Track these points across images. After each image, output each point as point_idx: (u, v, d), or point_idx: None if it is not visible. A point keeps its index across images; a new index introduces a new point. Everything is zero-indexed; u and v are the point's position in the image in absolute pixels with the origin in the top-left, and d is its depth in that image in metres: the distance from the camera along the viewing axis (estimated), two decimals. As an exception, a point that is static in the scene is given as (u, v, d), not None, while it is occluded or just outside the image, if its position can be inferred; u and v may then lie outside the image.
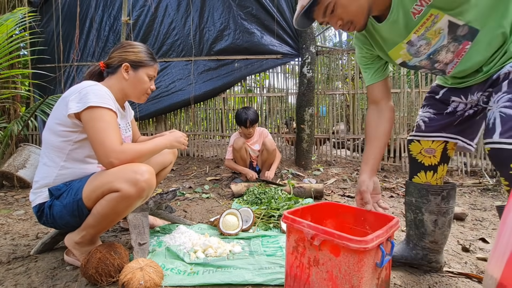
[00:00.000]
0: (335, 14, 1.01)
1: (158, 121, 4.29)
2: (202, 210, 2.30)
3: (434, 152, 1.25)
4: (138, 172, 1.17)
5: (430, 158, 1.26)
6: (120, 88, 1.41)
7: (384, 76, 1.27)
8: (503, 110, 0.93)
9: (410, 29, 1.04)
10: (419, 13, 0.99)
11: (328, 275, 0.91)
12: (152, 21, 4.02)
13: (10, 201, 2.58)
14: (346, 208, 1.24)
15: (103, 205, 1.19)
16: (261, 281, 1.17)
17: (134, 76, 1.41)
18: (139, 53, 1.42)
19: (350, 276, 0.86)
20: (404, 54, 1.13)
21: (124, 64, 1.39)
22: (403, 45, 1.10)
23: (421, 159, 1.28)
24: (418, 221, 1.30)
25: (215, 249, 1.43)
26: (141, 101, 1.50)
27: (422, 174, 1.29)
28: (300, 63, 3.79)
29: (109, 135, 1.20)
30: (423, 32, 1.03)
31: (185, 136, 1.52)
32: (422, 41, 1.06)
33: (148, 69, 1.44)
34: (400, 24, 1.04)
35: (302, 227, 0.96)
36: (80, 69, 4.12)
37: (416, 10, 0.99)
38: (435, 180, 1.27)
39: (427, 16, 0.99)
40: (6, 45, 2.77)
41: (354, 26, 1.04)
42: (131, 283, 1.06)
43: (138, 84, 1.43)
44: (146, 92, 1.47)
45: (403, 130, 3.85)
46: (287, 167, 3.68)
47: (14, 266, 1.35)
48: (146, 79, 1.44)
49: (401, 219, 2.09)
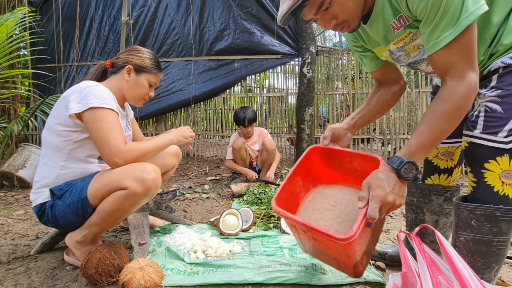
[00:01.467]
0: (330, 11, 0.91)
1: (158, 121, 4.29)
2: (202, 210, 2.30)
3: (452, 155, 1.21)
4: (145, 171, 1.20)
5: (447, 161, 1.22)
6: (119, 88, 1.42)
7: (380, 65, 1.19)
8: (489, 104, 0.91)
9: (388, 40, 1.02)
10: (398, 29, 0.96)
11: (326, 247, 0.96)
12: (152, 21, 4.02)
13: (10, 201, 2.58)
14: (332, 152, 1.16)
15: (109, 202, 1.20)
16: (261, 280, 1.17)
17: (135, 79, 1.42)
18: (145, 59, 1.44)
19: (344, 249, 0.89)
20: (386, 56, 1.11)
21: (127, 66, 1.41)
22: (385, 49, 1.08)
23: (437, 162, 1.24)
24: (418, 221, 1.30)
25: (215, 249, 1.43)
26: (137, 105, 1.50)
27: (436, 177, 1.25)
28: (300, 63, 3.79)
29: (113, 135, 1.21)
30: (402, 45, 1.01)
31: (190, 129, 1.54)
32: (401, 52, 1.04)
33: (150, 75, 1.45)
34: (379, 33, 1.02)
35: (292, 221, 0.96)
36: (80, 69, 4.12)
37: (396, 25, 0.96)
38: (448, 182, 1.24)
39: (406, 33, 0.97)
40: (6, 45, 2.77)
41: (348, 26, 0.97)
42: (131, 283, 1.05)
43: (137, 87, 1.43)
44: (143, 97, 1.47)
45: (403, 130, 3.85)
46: (287, 167, 3.68)
47: (14, 266, 1.35)
48: (146, 85, 1.45)
49: (401, 219, 2.09)
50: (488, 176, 0.92)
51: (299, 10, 0.92)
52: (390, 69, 1.20)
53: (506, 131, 0.88)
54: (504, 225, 0.90)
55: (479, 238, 0.93)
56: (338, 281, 1.15)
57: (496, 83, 0.90)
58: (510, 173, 0.89)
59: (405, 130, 3.85)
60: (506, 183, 0.90)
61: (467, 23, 0.78)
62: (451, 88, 0.83)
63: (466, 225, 0.95)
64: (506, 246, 0.93)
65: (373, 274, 1.20)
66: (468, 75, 0.81)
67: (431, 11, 0.81)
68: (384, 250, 1.38)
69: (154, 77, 1.47)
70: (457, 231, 0.99)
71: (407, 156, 0.86)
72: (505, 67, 0.88)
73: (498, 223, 0.91)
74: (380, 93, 1.22)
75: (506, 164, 0.89)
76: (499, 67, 0.90)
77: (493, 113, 0.90)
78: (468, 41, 0.80)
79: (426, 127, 0.86)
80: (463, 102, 0.82)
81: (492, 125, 0.90)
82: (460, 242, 0.97)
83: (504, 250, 0.94)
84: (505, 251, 0.94)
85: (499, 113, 0.89)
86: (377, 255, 1.37)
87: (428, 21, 0.83)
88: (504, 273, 1.31)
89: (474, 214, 0.93)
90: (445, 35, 0.81)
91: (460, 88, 0.82)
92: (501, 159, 0.89)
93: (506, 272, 1.33)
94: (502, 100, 0.89)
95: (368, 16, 0.98)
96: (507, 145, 0.88)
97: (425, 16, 0.83)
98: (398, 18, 0.93)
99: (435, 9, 0.80)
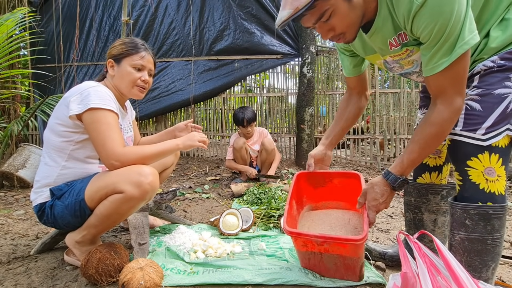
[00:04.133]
0: (329, 22, 0.94)
1: (158, 121, 4.29)
2: (202, 210, 2.30)
3: (440, 153, 1.24)
4: (142, 174, 1.17)
5: (435, 159, 1.25)
6: (113, 86, 1.39)
7: (360, 72, 1.28)
8: (469, 102, 0.96)
9: (385, 53, 1.07)
10: (396, 47, 1.01)
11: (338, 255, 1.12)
12: (152, 21, 4.02)
13: (10, 201, 2.58)
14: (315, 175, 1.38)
15: (106, 206, 1.19)
16: (261, 281, 1.17)
17: (118, 69, 1.36)
18: (118, 46, 1.37)
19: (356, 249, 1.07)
20: (380, 64, 1.17)
21: (108, 61, 1.37)
22: (381, 58, 1.13)
23: (426, 160, 1.26)
24: (417, 221, 1.30)
25: (215, 249, 1.43)
26: (135, 96, 1.40)
27: (427, 175, 1.27)
28: (300, 63, 3.79)
29: (111, 137, 1.19)
30: (398, 59, 1.07)
31: (202, 134, 1.43)
32: (396, 64, 1.10)
33: (131, 58, 1.34)
34: (377, 46, 1.06)
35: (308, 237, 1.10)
36: (80, 69, 4.12)
37: (394, 43, 1.00)
38: (439, 180, 1.26)
39: (403, 50, 1.01)
40: (6, 45, 2.76)
41: (345, 38, 0.99)
42: (131, 283, 1.06)
43: (123, 77, 1.35)
44: (135, 84, 1.36)
45: (403, 130, 3.85)
46: (287, 167, 3.68)
47: (14, 266, 1.35)
48: (131, 70, 1.35)
49: (401, 219, 2.09)
50: (472, 174, 0.96)
51: (299, 18, 0.94)
52: (364, 78, 1.31)
53: (484, 129, 0.93)
54: (496, 223, 0.94)
55: (474, 237, 0.95)
56: (338, 284, 1.15)
57: (477, 83, 0.96)
58: (491, 170, 0.93)
59: (405, 130, 3.85)
60: (490, 180, 0.94)
61: (461, 51, 0.85)
62: (440, 112, 0.93)
63: (460, 225, 0.97)
64: (500, 243, 0.96)
65: (373, 274, 1.20)
66: (455, 101, 0.91)
67: (434, 37, 0.86)
68: (384, 250, 1.38)
69: (137, 58, 1.35)
70: (452, 230, 1.01)
71: (400, 172, 1.01)
72: (486, 69, 0.95)
73: (491, 221, 0.93)
74: (349, 108, 1.34)
75: (487, 161, 0.93)
76: (481, 69, 0.96)
77: (473, 111, 0.95)
78: (461, 69, 0.89)
79: (416, 147, 0.98)
80: (447, 126, 0.94)
81: (471, 122, 0.95)
82: (456, 241, 0.99)
83: (499, 247, 0.96)
84: (500, 248, 0.96)
85: (478, 111, 0.94)
86: (377, 255, 1.37)
87: (430, 46, 0.89)
88: (504, 273, 1.31)
89: (468, 213, 0.95)
90: (442, 61, 0.88)
91: (447, 114, 0.92)
92: (482, 156, 0.93)
93: (506, 272, 1.33)
94: (482, 98, 0.94)
95: (369, 25, 1.00)
96: (484, 142, 0.93)
97: (428, 41, 0.88)
98: (398, 35, 0.98)
99: (439, 36, 0.85)
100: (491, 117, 0.92)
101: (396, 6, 0.90)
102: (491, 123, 0.92)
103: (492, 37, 0.94)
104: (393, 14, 0.93)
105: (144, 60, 1.37)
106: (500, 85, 0.92)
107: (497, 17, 0.94)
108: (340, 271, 1.16)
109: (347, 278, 1.16)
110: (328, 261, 1.15)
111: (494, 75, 0.93)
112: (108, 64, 1.37)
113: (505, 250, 1.57)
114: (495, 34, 0.93)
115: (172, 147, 1.32)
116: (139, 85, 1.38)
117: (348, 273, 1.15)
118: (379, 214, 2.19)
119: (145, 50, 1.39)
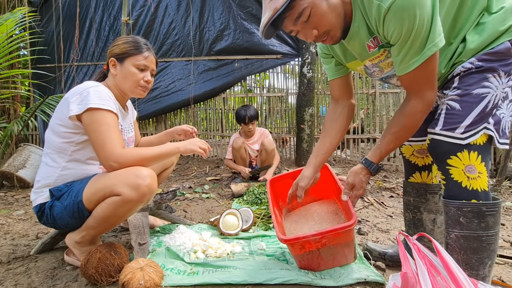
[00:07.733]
0: (310, 21, 0.94)
1: (158, 121, 4.29)
2: (202, 210, 2.30)
3: (426, 152, 1.25)
4: (140, 177, 1.15)
5: (423, 158, 1.27)
6: (114, 85, 1.37)
7: (344, 73, 1.26)
8: (449, 102, 0.99)
9: (364, 57, 1.09)
10: (373, 49, 1.04)
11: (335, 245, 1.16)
12: (152, 21, 4.02)
13: (10, 201, 2.58)
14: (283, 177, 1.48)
15: (104, 208, 1.19)
16: (261, 281, 1.17)
17: (121, 69, 1.34)
18: (121, 45, 1.35)
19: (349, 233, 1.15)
20: (361, 70, 1.19)
21: (110, 60, 1.35)
22: (361, 64, 1.14)
23: (414, 160, 1.29)
24: (416, 220, 1.31)
25: (215, 249, 1.43)
26: (138, 95, 1.40)
27: (417, 175, 1.30)
28: (300, 63, 3.79)
29: (110, 138, 1.18)
30: (377, 62, 1.09)
31: (204, 142, 1.40)
32: (376, 68, 1.12)
33: (135, 58, 1.33)
34: (356, 50, 1.08)
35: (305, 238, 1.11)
36: (80, 69, 4.12)
37: (371, 45, 1.03)
38: (430, 180, 1.29)
39: (380, 52, 1.04)
40: (6, 45, 2.76)
41: (331, 37, 1.00)
42: (131, 283, 1.06)
43: (126, 76, 1.34)
44: (138, 84, 1.35)
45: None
46: (287, 167, 3.68)
47: (14, 266, 1.35)
48: (134, 70, 1.34)
49: (400, 219, 2.09)
50: (453, 172, 0.98)
51: (280, 22, 0.96)
52: (349, 83, 1.29)
53: (463, 128, 0.95)
54: (490, 220, 0.95)
55: (469, 234, 0.97)
56: (338, 283, 1.15)
57: (457, 84, 0.99)
58: (472, 167, 0.95)
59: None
60: (471, 177, 0.96)
61: (430, 53, 0.90)
62: (413, 106, 1.00)
63: (455, 222, 0.99)
64: (495, 240, 0.97)
65: (373, 274, 1.20)
66: (428, 95, 0.98)
67: (403, 39, 0.90)
68: (384, 250, 1.38)
69: (141, 59, 1.34)
70: (447, 228, 1.02)
71: (378, 161, 1.10)
72: (465, 70, 0.98)
73: (485, 218, 0.95)
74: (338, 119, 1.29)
75: (466, 159, 0.95)
76: (461, 71, 0.99)
77: (453, 111, 0.98)
78: (430, 68, 0.94)
79: (393, 138, 1.06)
80: (420, 117, 1.01)
81: (451, 121, 0.97)
82: (452, 239, 1.00)
83: (494, 244, 0.97)
84: (495, 245, 0.98)
85: (458, 111, 0.97)
86: (377, 255, 1.38)
87: (399, 47, 0.93)
88: (504, 273, 1.31)
89: (462, 211, 0.97)
90: (413, 60, 0.93)
91: (420, 106, 0.99)
92: (461, 154, 0.96)
93: (506, 272, 1.33)
94: (461, 98, 0.97)
95: (346, 31, 1.03)
96: (463, 141, 0.95)
97: (398, 42, 0.92)
98: (373, 38, 1.01)
99: (407, 37, 0.89)
100: (469, 116, 0.95)
101: (369, 11, 0.93)
102: (470, 122, 0.95)
103: (469, 41, 0.97)
104: (366, 19, 0.97)
105: (148, 61, 1.37)
106: (479, 85, 0.95)
107: (472, 22, 0.98)
108: (337, 258, 1.21)
109: (346, 262, 1.23)
110: (326, 254, 1.18)
111: (472, 76, 0.96)
112: (110, 63, 1.36)
113: (505, 250, 1.57)
114: (471, 38, 0.97)
115: (173, 150, 1.31)
116: (142, 85, 1.37)
117: (346, 257, 1.22)
118: (379, 214, 2.19)
119: (148, 50, 1.38)
